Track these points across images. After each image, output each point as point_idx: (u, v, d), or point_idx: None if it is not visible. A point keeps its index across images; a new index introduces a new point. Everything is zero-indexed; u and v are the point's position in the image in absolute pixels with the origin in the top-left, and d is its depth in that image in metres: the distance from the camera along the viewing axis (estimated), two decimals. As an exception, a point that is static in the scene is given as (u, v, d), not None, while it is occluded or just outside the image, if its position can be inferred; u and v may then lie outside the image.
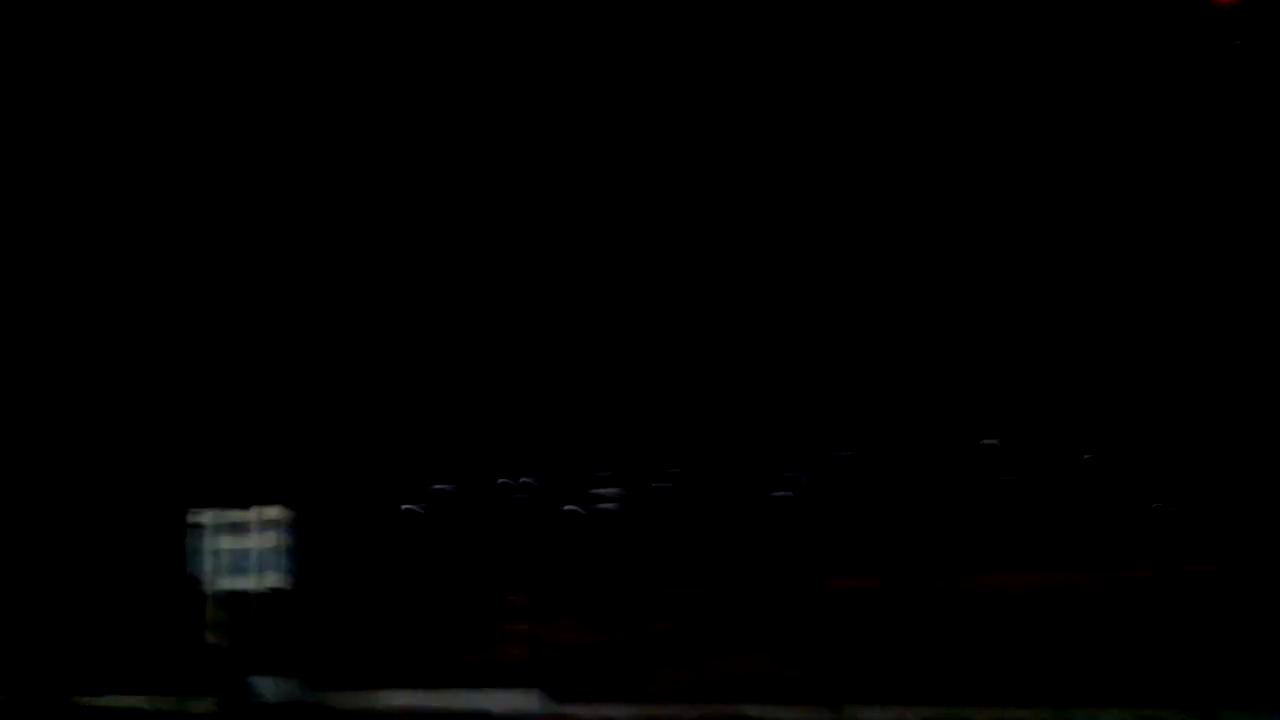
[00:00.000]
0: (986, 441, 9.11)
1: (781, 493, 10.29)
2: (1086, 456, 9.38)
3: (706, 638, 14.40)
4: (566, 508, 11.83)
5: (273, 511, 12.77)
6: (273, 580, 12.69)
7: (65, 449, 16.49)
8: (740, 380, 13.49)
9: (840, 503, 10.01)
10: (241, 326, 15.96)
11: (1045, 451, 9.30)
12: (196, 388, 15.78)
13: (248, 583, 12.78)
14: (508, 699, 11.31)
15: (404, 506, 12.20)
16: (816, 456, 9.88)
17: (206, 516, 13.12)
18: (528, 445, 12.44)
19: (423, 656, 14.11)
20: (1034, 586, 12.80)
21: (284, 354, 15.71)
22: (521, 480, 11.13)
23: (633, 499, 11.18)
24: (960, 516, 11.35)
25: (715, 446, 12.15)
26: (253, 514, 12.83)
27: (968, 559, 12.38)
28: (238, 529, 12.94)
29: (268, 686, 12.40)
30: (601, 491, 11.36)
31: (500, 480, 11.36)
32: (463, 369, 14.75)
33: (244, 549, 12.87)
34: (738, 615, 16.13)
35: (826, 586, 10.52)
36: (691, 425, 13.48)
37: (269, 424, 15.47)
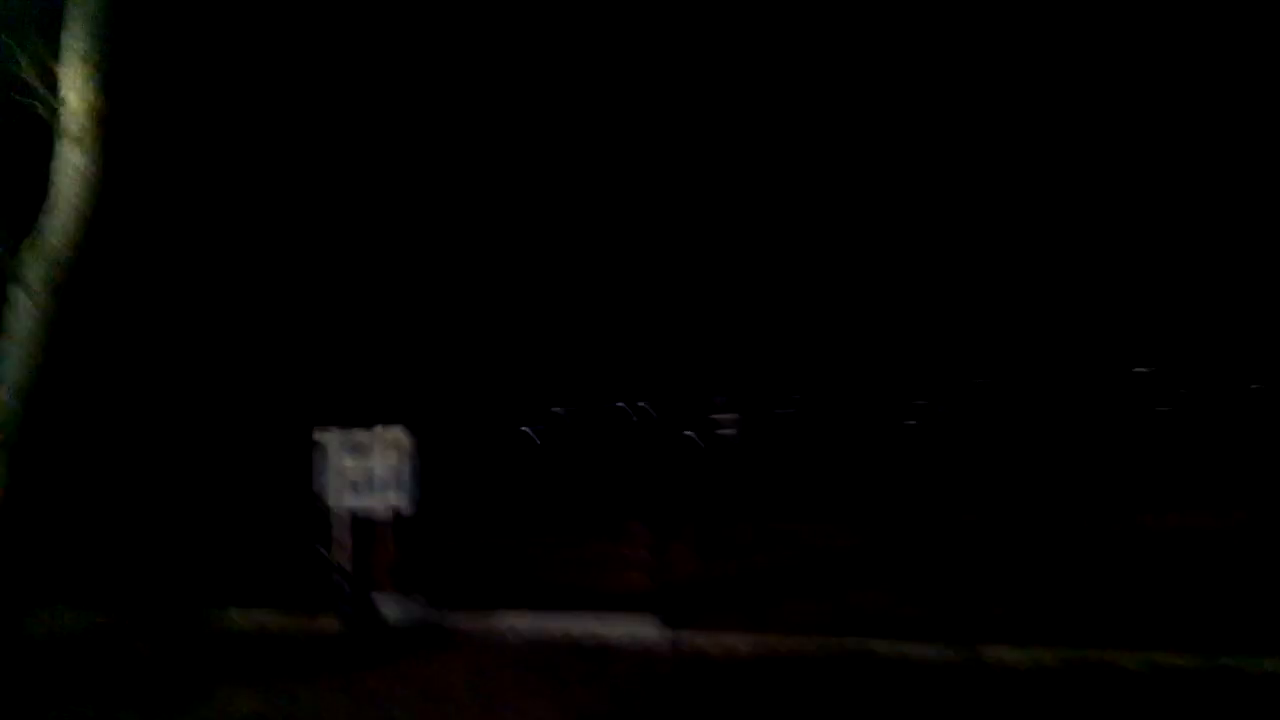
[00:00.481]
0: (1138, 370, 8.60)
1: (911, 421, 9.99)
2: (1254, 387, 8.84)
3: (827, 571, 14.32)
4: (685, 433, 11.79)
5: (396, 432, 13.01)
6: (395, 500, 12.95)
7: (195, 369, 17.21)
8: (869, 300, 13.23)
9: (972, 434, 9.68)
10: (368, 252, 16.40)
11: (1204, 381, 8.77)
12: (324, 310, 16.32)
13: (371, 502, 13.07)
14: (625, 625, 11.38)
15: (523, 428, 12.30)
16: (951, 385, 9.53)
17: (331, 435, 13.41)
18: (647, 369, 12.44)
19: (541, 580, 14.39)
20: (1184, 525, 12.34)
21: (409, 278, 16.14)
22: (639, 404, 11.08)
23: (752, 426, 11.02)
24: (1106, 450, 10.92)
25: (842, 372, 11.93)
26: (377, 433, 13.10)
27: (1113, 495, 11.97)
28: (362, 448, 13.22)
29: (390, 605, 12.74)
30: (720, 417, 11.23)
31: (617, 404, 11.32)
32: (582, 292, 14.92)
33: (368, 468, 13.16)
34: (860, 549, 16.03)
35: (956, 520, 10.23)
36: (818, 349, 13.31)
37: (395, 345, 15.92)
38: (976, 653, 9.44)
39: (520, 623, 12.00)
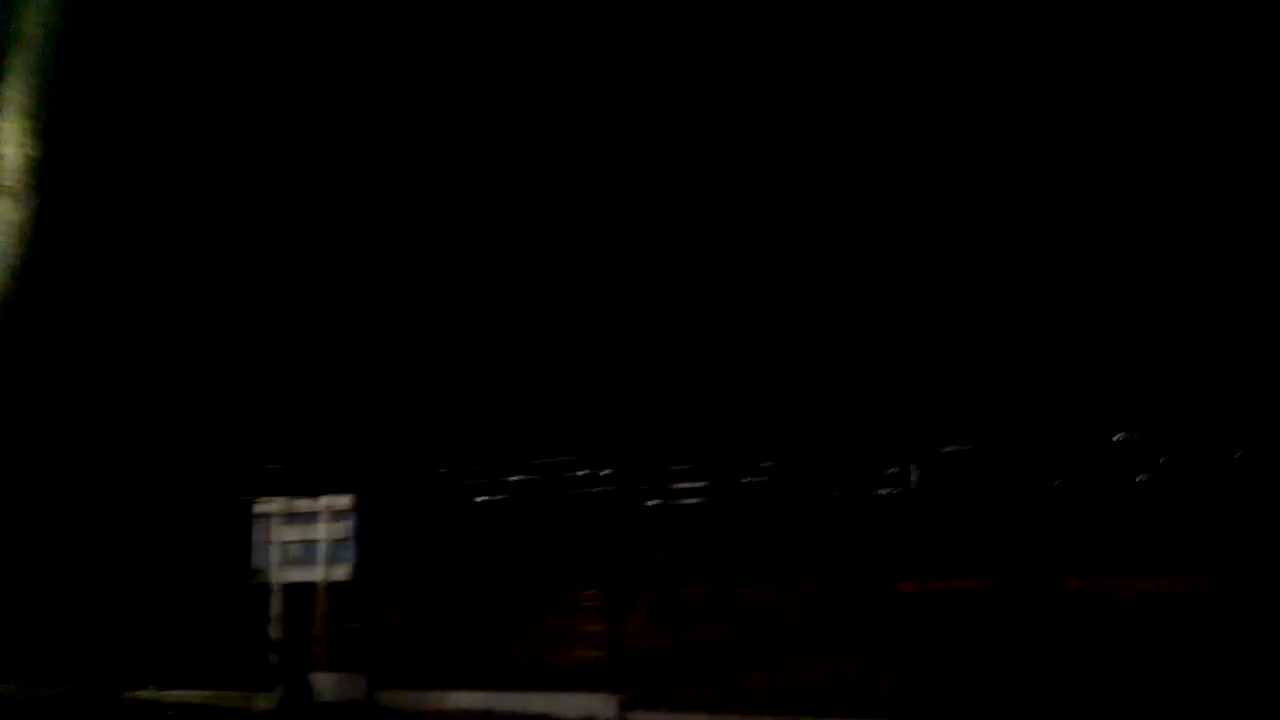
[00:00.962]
0: (1117, 437, 8.45)
1: (886, 490, 9.72)
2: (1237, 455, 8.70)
3: (792, 645, 13.91)
4: (647, 501, 11.43)
5: (340, 501, 12.49)
6: (338, 572, 12.39)
7: (126, 439, 16.56)
8: (841, 367, 13.22)
9: (944, 502, 9.41)
10: (310, 314, 16.03)
11: (1179, 447, 8.63)
12: (263, 375, 15.84)
13: (312, 574, 12.49)
14: (578, 703, 10.85)
15: (476, 498, 11.85)
16: (922, 451, 9.31)
17: (272, 505, 12.86)
18: (609, 433, 12.17)
19: (489, 655, 13.81)
20: (1162, 591, 12.22)
21: (355, 342, 15.78)
22: (601, 472, 10.72)
23: (718, 493, 10.70)
24: (1079, 516, 10.79)
25: (812, 438, 11.74)
26: (320, 503, 12.57)
27: (1081, 561, 11.88)
28: (304, 519, 12.67)
29: (328, 683, 12.10)
30: (684, 485, 10.91)
31: (579, 472, 10.96)
32: (541, 354, 14.66)
33: (310, 540, 12.60)
34: (828, 620, 15.68)
35: (921, 590, 9.91)
36: (788, 415, 13.18)
37: (338, 412, 15.48)
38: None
39: (465, 701, 11.42)
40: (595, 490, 10.82)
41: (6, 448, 11.73)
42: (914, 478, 9.16)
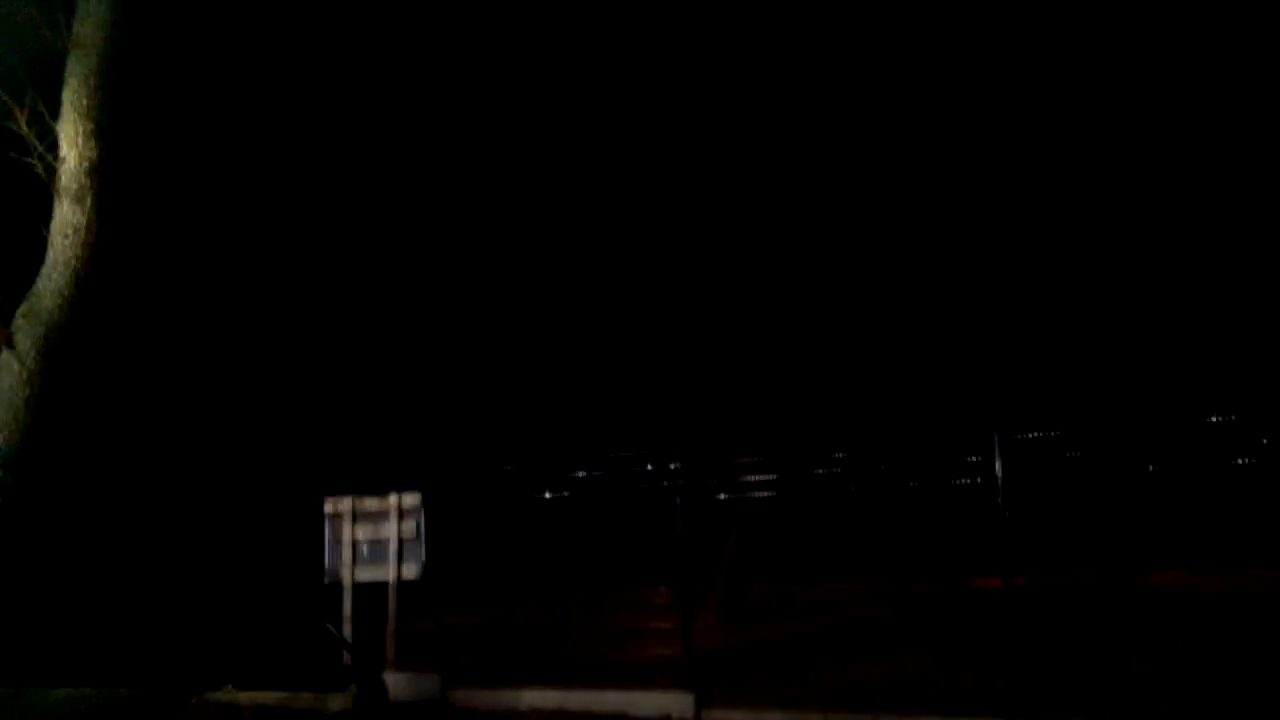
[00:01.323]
0: (1212, 419, 8.00)
1: (966, 480, 9.37)
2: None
3: (868, 640, 13.61)
4: (718, 495, 11.22)
5: (410, 499, 12.51)
6: (408, 570, 12.41)
7: (199, 439, 16.81)
8: (919, 350, 12.87)
9: (1029, 492, 9.05)
10: (377, 313, 16.12)
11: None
12: (337, 373, 15.97)
13: (382, 573, 12.54)
14: (652, 700, 10.71)
15: (544, 495, 11.75)
16: (1006, 438, 8.95)
17: (342, 505, 12.92)
18: (677, 427, 12.01)
19: (562, 652, 13.73)
20: (1259, 586, 11.66)
21: (427, 340, 15.79)
22: (671, 466, 10.54)
23: (789, 486, 10.44)
24: (1173, 504, 10.35)
25: (889, 426, 11.46)
26: (390, 502, 12.60)
27: (1176, 552, 11.41)
28: (374, 518, 12.72)
29: (401, 682, 12.12)
30: (755, 478, 10.67)
31: (646, 466, 10.78)
32: (606, 343, 14.53)
33: (380, 539, 12.65)
34: (904, 615, 15.32)
35: (1000, 586, 9.56)
36: (863, 402, 12.89)
37: (406, 410, 15.53)
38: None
39: (539, 699, 11.35)
40: (664, 484, 10.64)
41: (79, 449, 11.93)
42: (997, 467, 8.81)
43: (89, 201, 9.83)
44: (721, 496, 11.25)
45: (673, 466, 10.50)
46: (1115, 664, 11.31)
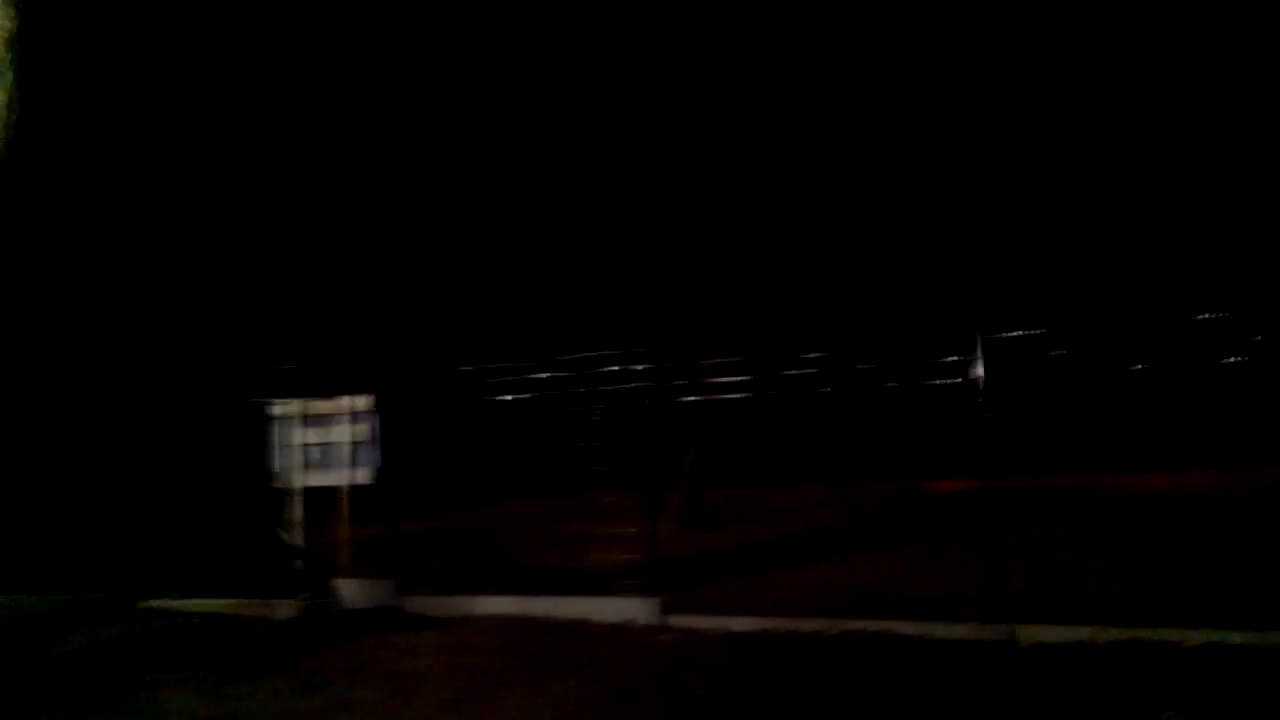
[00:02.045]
0: (1201, 316, 7.71)
1: (937, 380, 9.07)
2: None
3: (833, 544, 13.52)
4: (683, 397, 10.85)
5: (362, 401, 12.02)
6: (360, 475, 11.99)
7: (143, 342, 16.10)
8: (895, 246, 12.55)
9: (1010, 392, 8.77)
10: (323, 208, 15.35)
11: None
12: (275, 271, 15.25)
13: (333, 478, 12.11)
14: (613, 606, 10.49)
15: (503, 396, 11.31)
16: (986, 337, 8.63)
17: (290, 407, 12.40)
18: (643, 326, 11.59)
19: (518, 560, 13.51)
20: (1237, 487, 11.61)
21: (366, 230, 15.08)
22: (635, 367, 10.12)
23: (760, 388, 10.08)
24: (1159, 404, 10.23)
25: (863, 325, 11.14)
26: (341, 404, 12.10)
27: (1161, 453, 11.39)
28: (324, 420, 12.24)
29: (354, 589, 11.80)
30: (723, 380, 10.30)
31: (612, 366, 10.35)
32: (570, 239, 13.96)
33: (331, 442, 12.19)
34: (863, 519, 15.25)
35: (980, 487, 9.34)
36: (837, 303, 12.56)
37: (357, 309, 14.92)
38: (1014, 633, 8.57)
39: (497, 606, 11.12)
40: (630, 386, 10.24)
41: (16, 350, 11.26)
42: (977, 367, 8.52)
43: (9, 77, 9.06)
44: (690, 399, 10.87)
45: (640, 368, 10.09)
46: (1088, 567, 11.31)
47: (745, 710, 7.21)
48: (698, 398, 10.95)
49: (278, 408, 12.49)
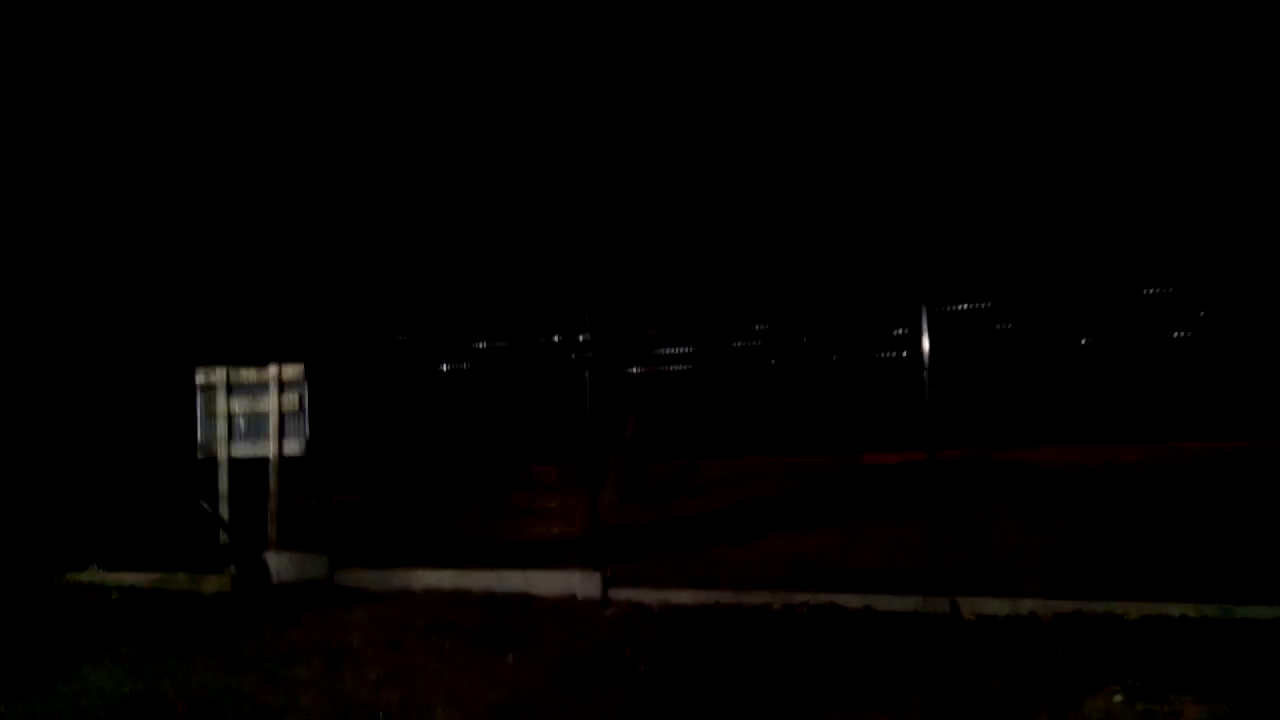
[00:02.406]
0: (1149, 291, 7.77)
1: (889, 353, 9.04)
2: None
3: (766, 515, 13.54)
4: (628, 369, 10.67)
5: (292, 370, 11.66)
6: (290, 446, 11.66)
7: (62, 307, 15.41)
8: (842, 214, 12.46)
9: (958, 364, 8.78)
10: (249, 166, 14.75)
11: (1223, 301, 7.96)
12: (204, 234, 14.64)
13: (262, 449, 11.77)
14: (553, 580, 10.36)
15: (443, 366, 11.04)
16: (933, 308, 8.61)
17: (215, 375, 11.99)
18: (586, 296, 11.38)
19: (456, 532, 13.29)
20: (1186, 458, 11.94)
21: (305, 194, 14.52)
22: (579, 338, 9.93)
23: (705, 359, 9.96)
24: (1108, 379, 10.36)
25: (811, 296, 11.06)
26: (270, 373, 11.73)
27: (1110, 426, 11.56)
28: (252, 390, 11.88)
29: (285, 563, 11.50)
30: (668, 351, 10.16)
31: (554, 338, 10.15)
32: (510, 205, 13.62)
33: (259, 412, 11.84)
34: (800, 491, 15.32)
35: (911, 460, 9.40)
36: (783, 275, 12.47)
37: (292, 273, 14.38)
38: (958, 605, 8.64)
39: (435, 580, 10.93)
40: (571, 357, 10.05)
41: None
42: (922, 340, 8.50)
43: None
44: (634, 370, 10.71)
45: (582, 338, 9.90)
46: (1028, 540, 11.48)
47: (689, 684, 7.15)
48: (638, 369, 10.79)
49: (203, 376, 12.08)
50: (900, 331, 8.69)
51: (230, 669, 7.98)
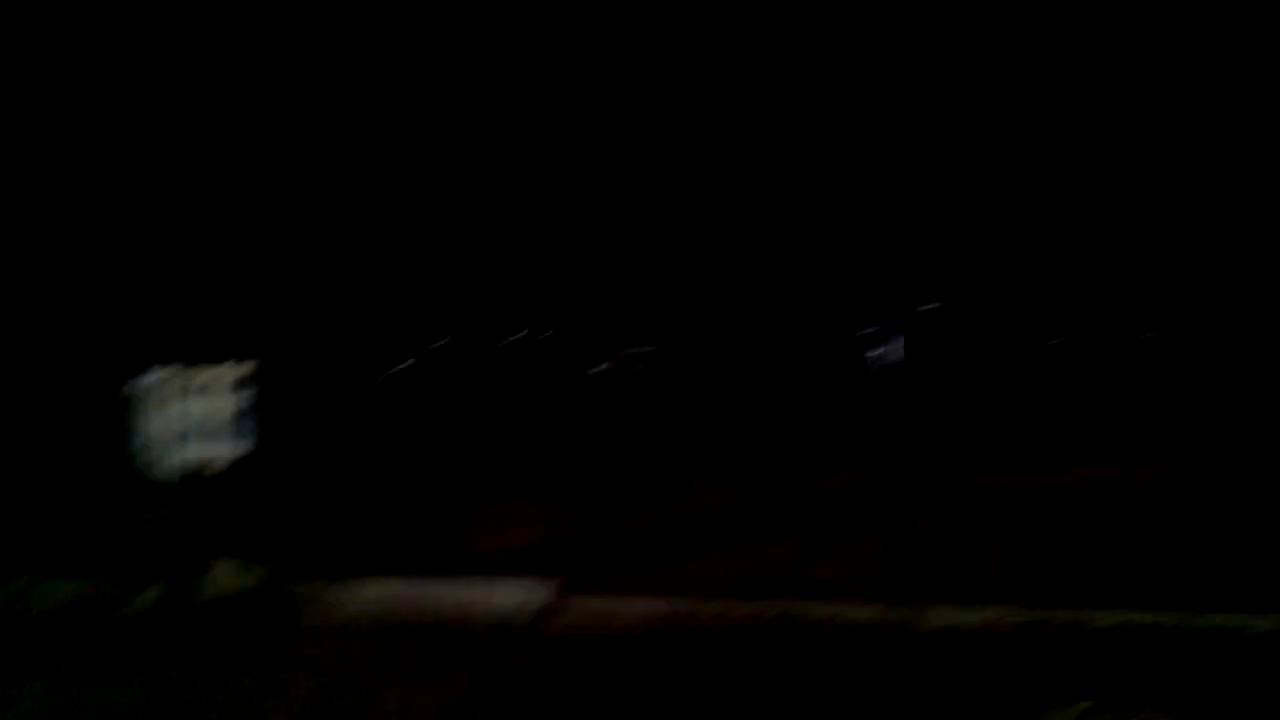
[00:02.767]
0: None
1: (867, 353, 8.84)
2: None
3: (731, 526, 13.34)
4: (591, 370, 10.41)
5: (236, 371, 11.27)
6: (234, 450, 11.27)
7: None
8: (807, 215, 12.26)
9: (928, 368, 8.63)
10: (202, 144, 14.26)
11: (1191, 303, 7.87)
12: (144, 227, 14.13)
13: (204, 452, 11.35)
14: (511, 590, 10.05)
15: (395, 366, 10.71)
16: (902, 310, 8.46)
17: (156, 375, 11.55)
18: (552, 295, 11.04)
19: (411, 540, 12.90)
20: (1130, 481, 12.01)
21: (256, 182, 14.04)
22: (539, 338, 9.66)
23: (672, 362, 9.74)
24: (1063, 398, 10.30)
25: (785, 299, 10.81)
26: (213, 373, 11.32)
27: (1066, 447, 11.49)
28: (195, 391, 11.45)
29: (225, 573, 11.05)
30: (635, 352, 9.92)
31: (513, 336, 9.87)
32: (472, 201, 13.26)
33: (202, 414, 11.43)
34: (765, 502, 15.20)
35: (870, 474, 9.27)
36: (751, 278, 12.20)
37: (235, 267, 13.91)
38: (923, 615, 8.46)
39: (382, 589, 10.55)
40: (533, 358, 9.78)
41: None
42: (894, 342, 8.34)
43: None
44: (596, 370, 10.46)
45: (541, 338, 9.65)
46: (992, 550, 11.36)
47: (649, 694, 6.90)
48: (607, 368, 10.54)
49: (144, 374, 11.65)
50: (867, 336, 8.52)
51: (160, 694, 7.52)
